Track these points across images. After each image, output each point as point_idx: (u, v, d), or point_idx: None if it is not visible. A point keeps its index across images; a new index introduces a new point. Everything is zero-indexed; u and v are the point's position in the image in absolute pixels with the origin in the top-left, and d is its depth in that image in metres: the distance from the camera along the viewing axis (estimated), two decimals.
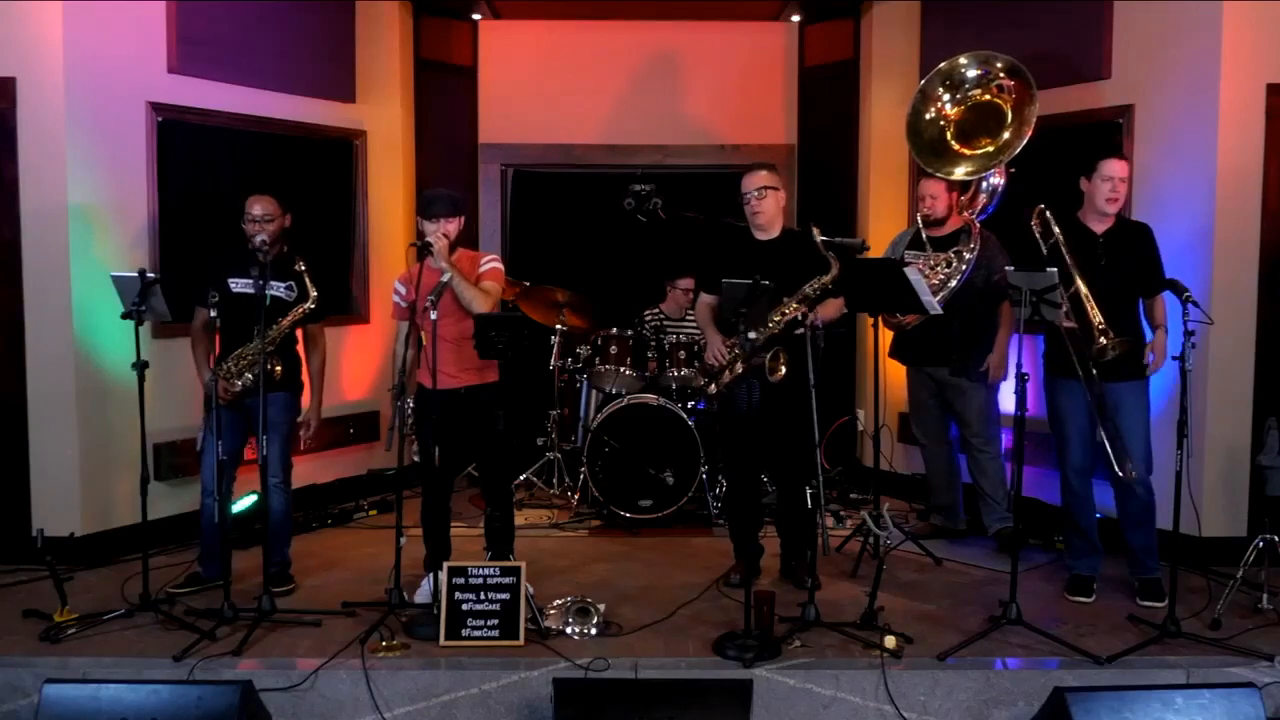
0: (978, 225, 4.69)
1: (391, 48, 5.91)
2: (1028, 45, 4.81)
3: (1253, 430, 4.48)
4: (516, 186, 6.62)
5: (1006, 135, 4.63)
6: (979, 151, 4.70)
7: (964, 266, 4.57)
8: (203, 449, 4.17)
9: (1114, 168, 4.02)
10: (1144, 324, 4.11)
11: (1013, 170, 4.75)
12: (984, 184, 4.78)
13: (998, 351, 4.71)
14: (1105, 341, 3.84)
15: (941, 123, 4.81)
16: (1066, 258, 3.95)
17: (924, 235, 4.72)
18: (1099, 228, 4.08)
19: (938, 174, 4.73)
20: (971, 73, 4.74)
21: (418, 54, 6.19)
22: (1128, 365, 3.99)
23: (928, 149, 4.81)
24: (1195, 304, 3.62)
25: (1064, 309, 3.79)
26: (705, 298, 4.31)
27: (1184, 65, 4.56)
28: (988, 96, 4.72)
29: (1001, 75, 4.67)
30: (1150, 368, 4.05)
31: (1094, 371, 3.92)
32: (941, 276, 4.56)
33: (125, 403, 4.32)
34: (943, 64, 4.82)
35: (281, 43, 5.31)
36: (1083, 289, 3.89)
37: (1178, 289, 3.67)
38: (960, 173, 4.71)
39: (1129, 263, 4.02)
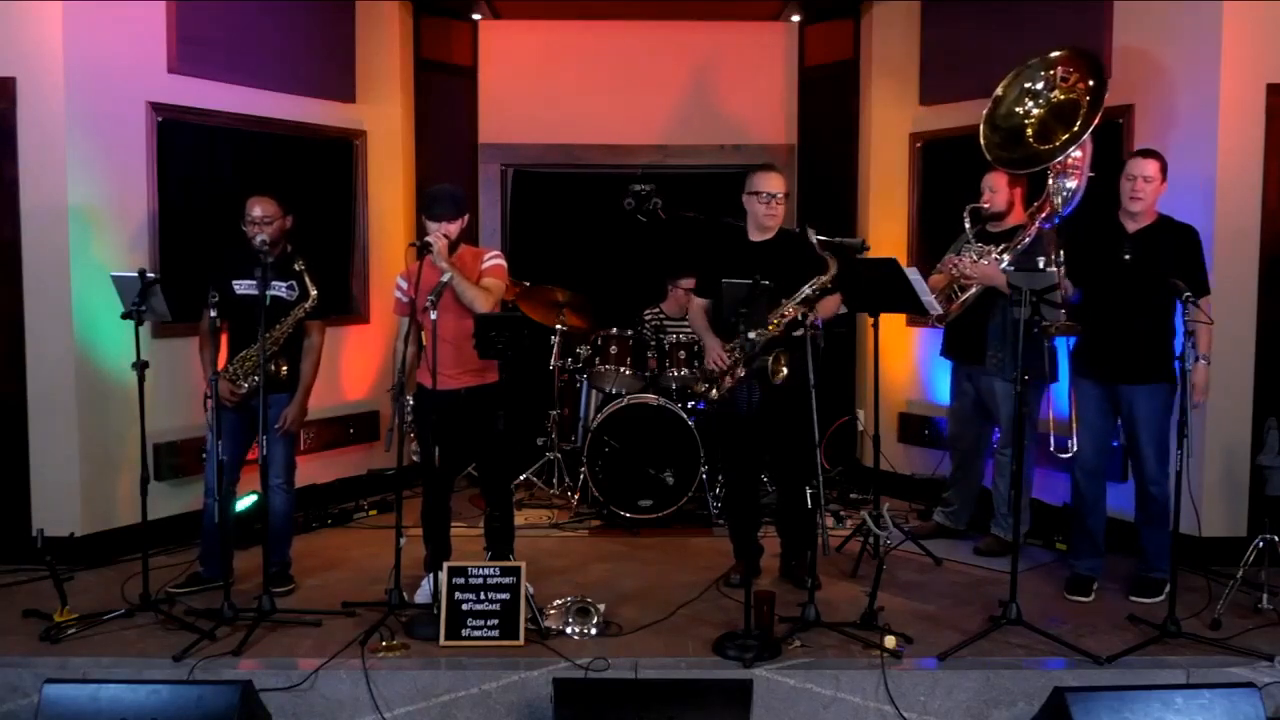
0: (1036, 224, 4.54)
1: (391, 48, 5.91)
2: (1027, 45, 4.80)
3: (1253, 430, 4.47)
4: (516, 186, 6.62)
5: (1078, 125, 4.43)
6: (1055, 144, 4.48)
7: (1002, 261, 4.51)
8: (209, 449, 4.17)
9: (1136, 166, 4.00)
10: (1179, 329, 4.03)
11: (1093, 175, 4.51)
12: (1060, 186, 4.49)
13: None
14: (1053, 321, 3.86)
15: (1027, 120, 4.64)
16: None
17: (967, 227, 4.59)
18: (1131, 226, 4.07)
19: (1008, 169, 4.57)
20: (1040, 84, 4.60)
21: (418, 54, 6.19)
22: (1146, 368, 3.97)
23: (1002, 141, 4.63)
24: (1195, 304, 3.62)
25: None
26: (699, 300, 4.30)
27: (1184, 65, 4.56)
28: (1063, 95, 4.61)
29: (1062, 68, 4.53)
30: (1191, 402, 4.00)
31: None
32: (982, 265, 4.50)
33: (125, 403, 4.33)
34: (1017, 72, 4.66)
35: (281, 43, 5.31)
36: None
37: (1178, 289, 3.67)
38: (1035, 167, 4.53)
39: (1160, 263, 3.95)
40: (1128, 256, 4.01)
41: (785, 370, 3.99)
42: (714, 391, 4.15)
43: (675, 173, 6.41)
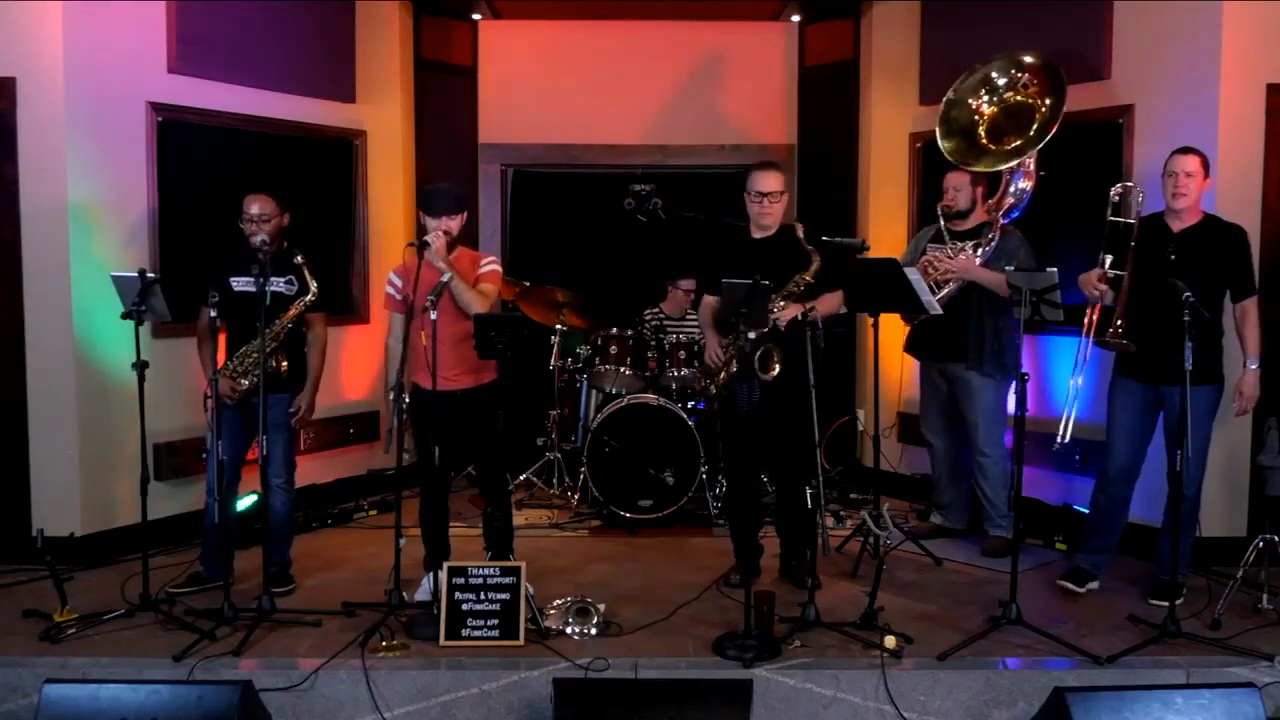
0: (1000, 221, 4.63)
1: (391, 48, 5.91)
2: (1028, 45, 4.80)
3: (1253, 430, 4.47)
4: (516, 186, 6.62)
5: (1033, 132, 4.54)
6: (1007, 148, 4.62)
7: (979, 256, 4.55)
8: (210, 448, 4.17)
9: (1177, 162, 3.96)
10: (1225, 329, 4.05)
11: (1043, 174, 4.65)
12: (1011, 186, 4.67)
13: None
14: (1111, 333, 3.84)
15: (975, 117, 4.73)
16: (1130, 243, 3.94)
17: (944, 226, 4.67)
18: (1176, 225, 4.02)
19: (962, 166, 4.65)
20: (1002, 79, 4.69)
21: (418, 54, 6.19)
22: (1193, 369, 3.90)
23: (957, 140, 4.73)
24: (1196, 304, 3.61)
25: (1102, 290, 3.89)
26: (708, 299, 4.32)
27: (1184, 65, 4.56)
28: (1020, 97, 4.65)
29: (1028, 74, 4.62)
30: (1235, 409, 4.03)
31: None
32: (959, 260, 4.54)
33: (125, 403, 4.32)
34: (979, 66, 4.76)
35: (281, 43, 5.31)
36: (1125, 279, 3.91)
37: (1177, 290, 3.66)
38: (984, 165, 4.63)
39: (1204, 263, 3.91)
40: (1173, 256, 3.94)
41: (778, 366, 3.99)
42: (711, 387, 4.17)
43: (675, 173, 6.42)
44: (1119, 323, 3.88)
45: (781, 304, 4.01)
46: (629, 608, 3.98)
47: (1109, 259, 3.98)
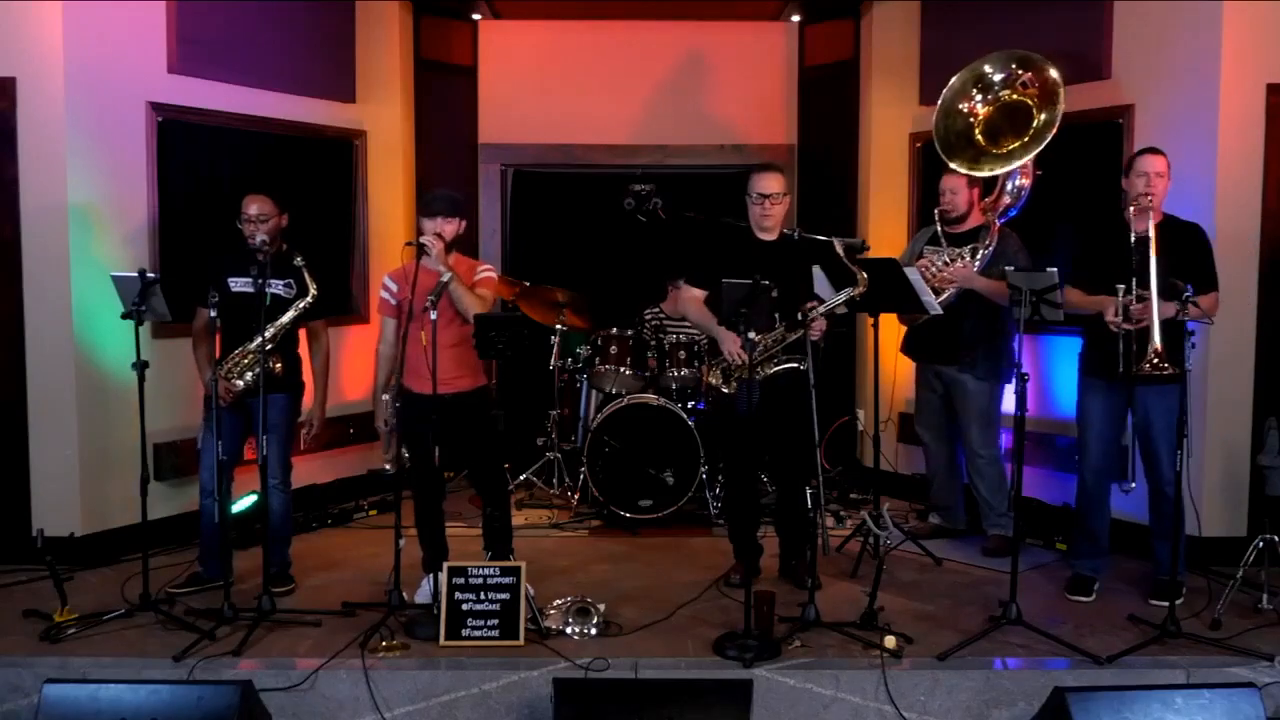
0: (998, 224, 4.62)
1: (391, 48, 5.91)
2: (1028, 45, 4.80)
3: (1253, 430, 4.47)
4: (516, 186, 6.62)
5: (1031, 133, 4.53)
6: (1004, 150, 4.61)
7: (977, 262, 4.56)
8: (202, 449, 4.18)
9: (1148, 163, 3.94)
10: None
11: (1039, 173, 4.67)
12: (1008, 185, 4.67)
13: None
14: (1151, 360, 3.72)
15: (970, 119, 4.73)
16: (1152, 259, 3.81)
17: (939, 230, 4.68)
18: (1140, 226, 3.97)
19: (960, 169, 4.64)
20: (998, 75, 4.67)
21: (418, 54, 6.19)
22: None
23: (953, 144, 4.72)
24: (1195, 304, 3.61)
25: (1117, 309, 3.81)
26: (694, 292, 4.24)
27: (1184, 65, 4.56)
28: (1015, 96, 4.64)
29: (1026, 74, 4.60)
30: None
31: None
32: (958, 268, 4.54)
33: (125, 403, 4.32)
34: (973, 64, 4.73)
35: (281, 43, 5.31)
36: (1153, 298, 3.76)
37: (1176, 290, 3.66)
38: (984, 170, 4.62)
39: (1168, 263, 3.89)
40: (1137, 257, 3.92)
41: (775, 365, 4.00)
42: (729, 385, 4.08)
43: (675, 173, 6.41)
44: (1156, 348, 3.71)
45: (819, 312, 3.96)
46: (629, 608, 3.98)
47: (1121, 289, 3.85)
